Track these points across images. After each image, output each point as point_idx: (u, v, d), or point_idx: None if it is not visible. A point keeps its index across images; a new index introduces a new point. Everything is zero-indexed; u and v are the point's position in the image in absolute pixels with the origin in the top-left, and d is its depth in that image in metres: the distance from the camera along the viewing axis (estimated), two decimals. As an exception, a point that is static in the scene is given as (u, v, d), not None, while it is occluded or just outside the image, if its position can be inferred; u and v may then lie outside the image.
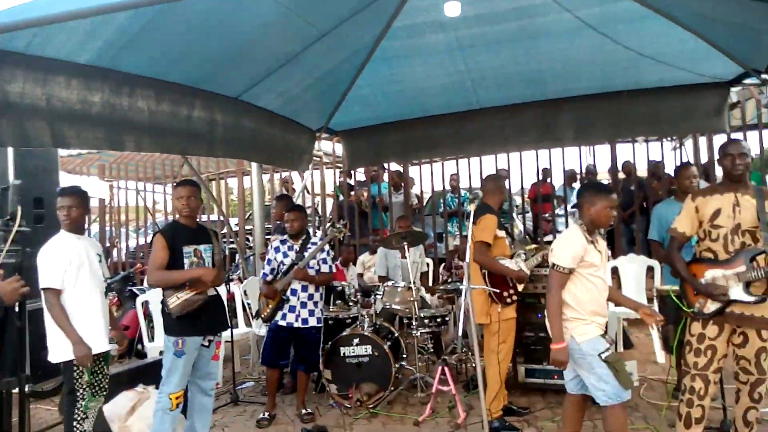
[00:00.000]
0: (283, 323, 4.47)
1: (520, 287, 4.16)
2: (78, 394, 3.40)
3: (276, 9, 3.63)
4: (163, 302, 3.60)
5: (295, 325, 4.45)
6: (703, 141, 8.07)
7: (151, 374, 4.23)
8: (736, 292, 3.14)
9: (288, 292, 4.48)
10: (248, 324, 6.14)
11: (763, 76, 4.82)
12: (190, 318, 3.56)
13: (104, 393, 3.61)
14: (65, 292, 3.35)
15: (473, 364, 4.51)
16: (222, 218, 9.18)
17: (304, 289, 4.49)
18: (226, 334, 5.02)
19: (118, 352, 4.19)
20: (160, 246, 3.62)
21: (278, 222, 5.63)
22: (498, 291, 4.01)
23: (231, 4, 3.44)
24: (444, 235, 8.48)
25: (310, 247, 4.49)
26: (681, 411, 3.35)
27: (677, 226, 3.43)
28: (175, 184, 4.43)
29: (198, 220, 3.98)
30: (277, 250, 4.60)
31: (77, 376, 3.39)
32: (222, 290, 4.74)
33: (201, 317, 3.60)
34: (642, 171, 8.04)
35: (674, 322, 3.63)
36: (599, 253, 3.16)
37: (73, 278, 3.38)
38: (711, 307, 3.22)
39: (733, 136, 7.31)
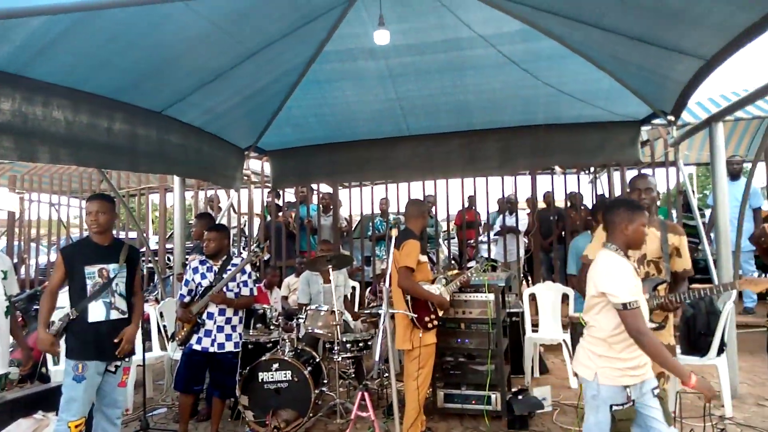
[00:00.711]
0: (197, 347, 4.30)
1: (441, 312, 4.21)
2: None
3: (202, 25, 3.58)
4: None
5: (211, 349, 4.29)
6: (617, 175, 8.53)
7: (52, 400, 3.94)
8: None
9: (204, 316, 4.33)
10: (163, 347, 5.88)
11: (669, 117, 5.18)
12: (94, 341, 3.37)
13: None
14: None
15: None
16: (144, 236, 8.81)
17: (222, 312, 4.34)
18: (137, 359, 4.80)
19: (22, 373, 3.92)
20: (57, 265, 3.50)
21: (198, 241, 5.47)
22: (419, 316, 4.05)
23: (155, 16, 3.35)
24: (372, 259, 8.50)
25: (229, 269, 4.37)
26: None
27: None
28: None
29: (118, 237, 3.81)
30: (195, 270, 4.45)
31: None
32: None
33: (105, 341, 3.43)
34: (560, 202, 8.40)
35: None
36: (639, 279, 2.86)
37: (-34, 296, 3.16)
38: None
39: (642, 172, 7.81)
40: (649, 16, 3.50)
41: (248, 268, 4.46)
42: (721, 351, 4.59)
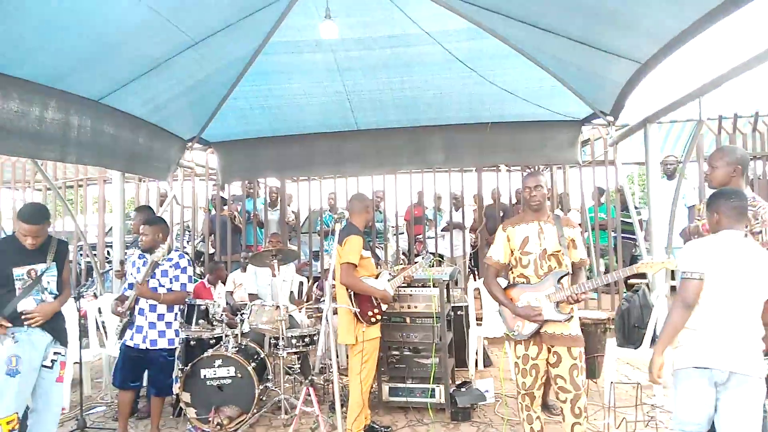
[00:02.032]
0: (130, 343, 4.20)
1: (384, 307, 4.23)
2: None
3: (144, 11, 3.47)
4: None
5: (142, 346, 4.18)
6: (559, 174, 8.78)
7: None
8: (549, 312, 3.42)
9: (135, 311, 4.22)
10: (102, 344, 5.69)
11: (608, 117, 5.36)
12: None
13: None
14: None
15: (341, 384, 4.51)
16: (83, 229, 8.46)
17: (152, 308, 4.22)
18: (74, 356, 4.64)
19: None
20: None
21: (137, 235, 5.31)
22: (362, 311, 4.06)
23: (93, 0, 3.23)
24: (320, 254, 8.46)
25: (161, 264, 4.26)
26: (525, 428, 3.58)
27: (492, 254, 3.68)
28: (23, 200, 4.03)
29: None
30: (134, 264, 4.33)
31: None
32: (72, 307, 4.38)
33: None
34: (505, 198, 8.56)
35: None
36: None
37: None
38: (528, 328, 3.48)
39: (584, 171, 8.06)
40: (588, 18, 3.61)
41: (183, 263, 4.33)
42: (653, 343, 4.78)
